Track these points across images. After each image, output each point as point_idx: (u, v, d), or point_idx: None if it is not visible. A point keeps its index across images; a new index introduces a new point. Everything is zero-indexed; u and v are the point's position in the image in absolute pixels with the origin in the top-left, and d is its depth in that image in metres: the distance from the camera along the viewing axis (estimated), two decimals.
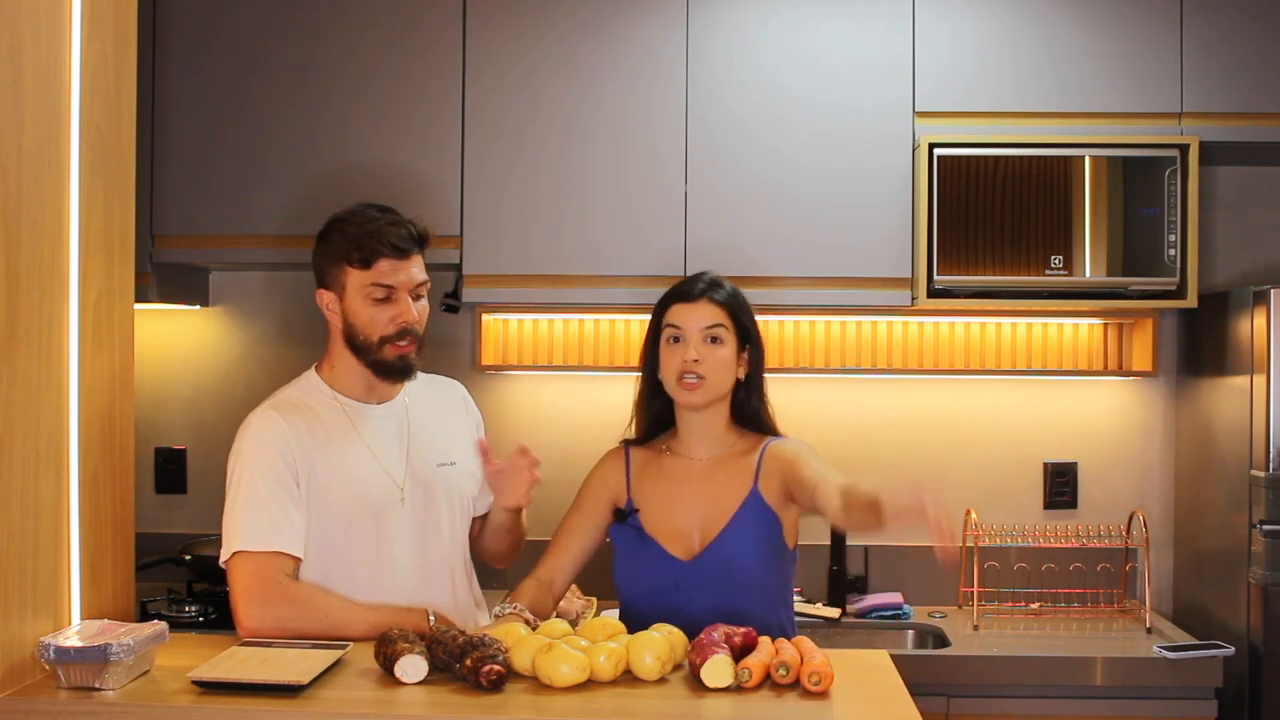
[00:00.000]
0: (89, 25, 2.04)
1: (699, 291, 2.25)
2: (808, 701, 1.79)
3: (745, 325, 2.27)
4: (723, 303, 2.24)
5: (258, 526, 2.09)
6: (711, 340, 2.22)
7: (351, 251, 2.15)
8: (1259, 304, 2.83)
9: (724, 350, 2.23)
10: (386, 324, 2.16)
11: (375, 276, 2.15)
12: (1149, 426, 3.35)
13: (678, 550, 2.21)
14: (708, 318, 2.23)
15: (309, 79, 3.07)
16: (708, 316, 2.23)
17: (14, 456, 1.82)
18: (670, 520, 2.24)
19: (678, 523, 2.23)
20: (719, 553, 2.19)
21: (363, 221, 2.17)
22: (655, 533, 2.24)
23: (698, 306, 2.24)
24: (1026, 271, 2.95)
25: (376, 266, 2.15)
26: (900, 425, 3.37)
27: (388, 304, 2.16)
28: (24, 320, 1.86)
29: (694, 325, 2.22)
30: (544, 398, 3.39)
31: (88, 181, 2.03)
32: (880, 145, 3.02)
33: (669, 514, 2.24)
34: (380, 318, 2.16)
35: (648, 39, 3.04)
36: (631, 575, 2.26)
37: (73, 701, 1.76)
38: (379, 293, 2.16)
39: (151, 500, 3.41)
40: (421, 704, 1.76)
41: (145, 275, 3.02)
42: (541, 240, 3.05)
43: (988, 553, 3.19)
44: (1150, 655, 2.79)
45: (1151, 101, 3.00)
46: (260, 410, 2.20)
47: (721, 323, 2.23)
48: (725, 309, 2.24)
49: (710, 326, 2.22)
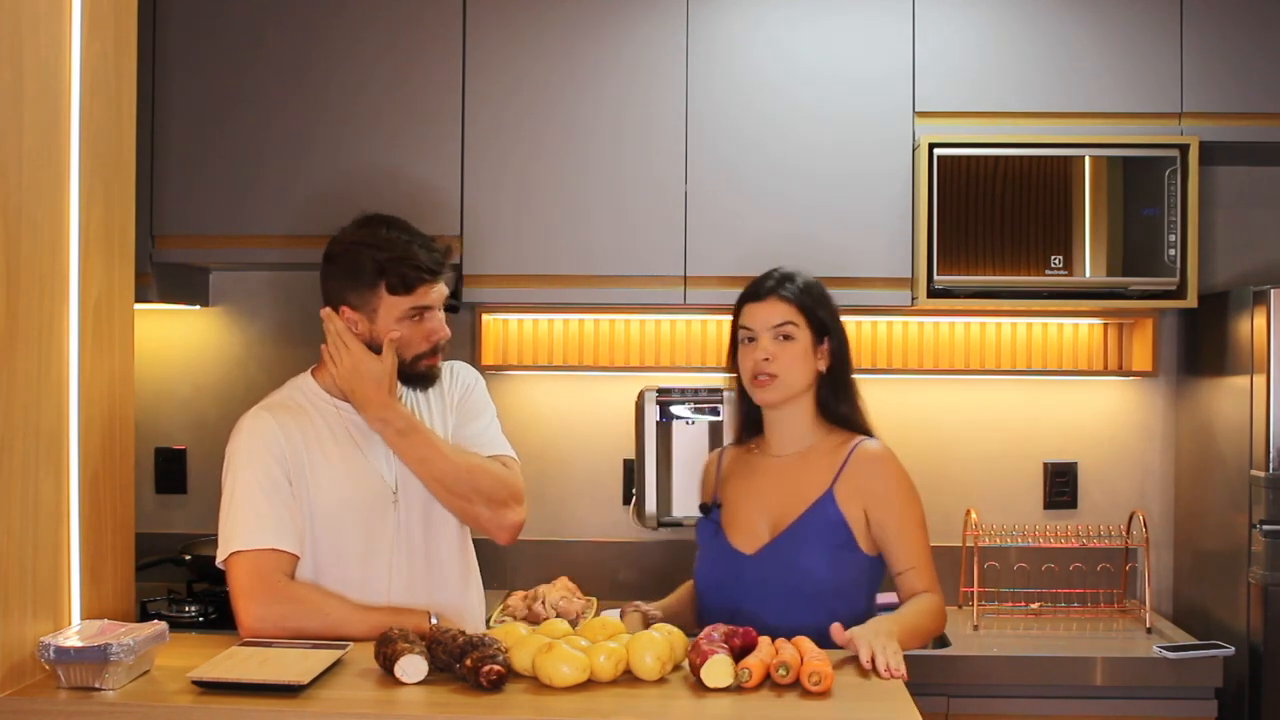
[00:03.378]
0: (89, 25, 2.04)
1: (767, 289, 2.26)
2: (808, 701, 1.79)
3: (820, 318, 2.26)
4: (792, 298, 2.24)
5: (254, 525, 2.10)
6: (783, 338, 2.23)
7: (389, 277, 2.16)
8: (1259, 304, 2.83)
9: (796, 346, 2.23)
10: (421, 342, 2.21)
11: (414, 300, 2.18)
12: (1149, 426, 3.35)
13: (744, 544, 2.23)
14: (777, 315, 2.23)
15: (309, 79, 3.07)
16: (777, 314, 2.23)
17: (14, 456, 1.82)
18: (744, 515, 2.26)
19: (750, 517, 2.25)
20: (781, 549, 2.20)
21: (391, 246, 2.18)
22: (728, 526, 2.27)
23: (766, 305, 2.25)
24: (1026, 271, 2.95)
25: (416, 292, 2.18)
26: (900, 425, 3.35)
27: (421, 322, 2.20)
28: (24, 320, 1.86)
29: (764, 324, 2.24)
30: (544, 398, 3.39)
31: (88, 181, 2.03)
32: (880, 145, 3.02)
33: (745, 509, 2.27)
34: (415, 337, 2.20)
35: (647, 38, 3.04)
36: (703, 568, 2.30)
37: (73, 701, 1.76)
38: (415, 313, 2.19)
39: (151, 500, 3.41)
40: (421, 704, 1.76)
41: (145, 275, 3.02)
42: (541, 240, 3.05)
43: (988, 553, 3.19)
44: (1150, 655, 2.79)
45: (1151, 101, 3.00)
46: (252, 412, 2.20)
47: (791, 319, 2.23)
48: (795, 304, 2.24)
49: (780, 324, 2.23)
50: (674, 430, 3.10)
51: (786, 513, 2.23)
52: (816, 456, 2.27)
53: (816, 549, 2.19)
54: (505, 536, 2.27)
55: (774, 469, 2.28)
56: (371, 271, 2.17)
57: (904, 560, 2.21)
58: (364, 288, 2.18)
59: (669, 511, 3.11)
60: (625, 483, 3.36)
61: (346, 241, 2.21)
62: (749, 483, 2.30)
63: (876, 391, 3.33)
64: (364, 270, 2.17)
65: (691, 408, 3.09)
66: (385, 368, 2.17)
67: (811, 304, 2.26)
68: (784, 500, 2.24)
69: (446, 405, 2.33)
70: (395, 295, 2.17)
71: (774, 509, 2.24)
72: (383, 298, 2.17)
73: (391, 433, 2.19)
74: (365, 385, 2.17)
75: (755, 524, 2.25)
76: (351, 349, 2.17)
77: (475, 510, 2.23)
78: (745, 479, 2.31)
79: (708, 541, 2.30)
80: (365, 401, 2.18)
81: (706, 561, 2.30)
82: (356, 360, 2.17)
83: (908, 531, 2.21)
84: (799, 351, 2.23)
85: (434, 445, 2.20)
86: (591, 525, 3.39)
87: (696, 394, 3.08)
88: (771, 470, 2.28)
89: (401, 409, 2.19)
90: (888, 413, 3.35)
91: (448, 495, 2.22)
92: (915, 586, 2.20)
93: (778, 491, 2.25)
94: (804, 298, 2.26)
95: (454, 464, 2.21)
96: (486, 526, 2.26)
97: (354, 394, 2.19)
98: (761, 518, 2.25)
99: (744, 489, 2.30)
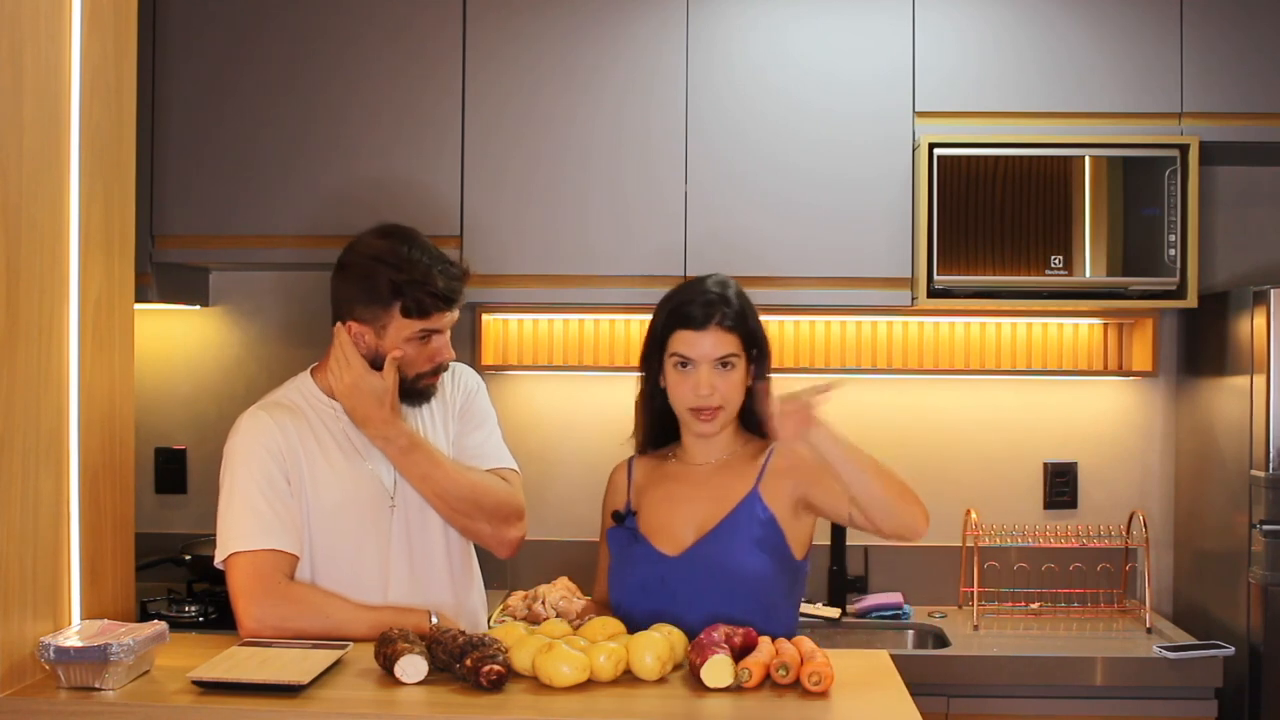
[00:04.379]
0: (89, 25, 2.04)
1: (707, 317, 2.12)
2: (808, 701, 1.79)
3: (753, 334, 2.17)
4: (734, 327, 2.12)
5: (253, 526, 2.09)
6: (723, 366, 2.12)
7: (405, 300, 2.13)
8: (1259, 304, 2.83)
9: (736, 374, 2.14)
10: (424, 362, 2.19)
11: (426, 325, 2.16)
12: (1149, 426, 3.35)
13: (667, 547, 2.16)
14: (721, 348, 2.11)
15: (309, 79, 3.07)
16: (721, 346, 2.11)
17: (14, 456, 1.82)
18: (665, 520, 2.19)
19: (672, 522, 2.19)
20: (707, 548, 2.13)
21: (410, 268, 2.13)
22: (648, 532, 2.19)
23: (708, 335, 2.11)
24: (1026, 271, 2.95)
25: (431, 317, 2.15)
26: (900, 425, 3.36)
27: (427, 343, 2.18)
28: (24, 320, 1.86)
29: (705, 355, 2.11)
30: (543, 398, 3.39)
31: (88, 181, 2.03)
32: (880, 145, 3.02)
33: (665, 515, 2.20)
34: (419, 358, 2.18)
35: (647, 39, 3.04)
36: (619, 575, 2.21)
37: (73, 701, 1.75)
38: (423, 335, 2.17)
39: (151, 500, 3.41)
40: (421, 704, 1.76)
41: (145, 275, 3.03)
42: (541, 240, 3.04)
43: (988, 553, 3.19)
44: (1150, 655, 2.79)
45: (1152, 101, 3.00)
46: (250, 412, 2.19)
47: (733, 351, 2.12)
48: (735, 332, 2.13)
49: (722, 357, 2.12)
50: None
51: (711, 514, 2.16)
52: (738, 461, 2.21)
53: (745, 545, 2.13)
54: (505, 552, 2.29)
55: (694, 476, 2.22)
56: (387, 291, 2.13)
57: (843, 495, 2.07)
58: (377, 305, 2.14)
59: None
60: None
61: (364, 254, 2.17)
62: (667, 489, 2.22)
63: (877, 391, 3.37)
64: (379, 288, 2.13)
65: None
66: (387, 385, 2.14)
67: (746, 327, 2.15)
68: (707, 503, 2.17)
69: (448, 411, 2.31)
70: (409, 318, 2.14)
71: (698, 513, 2.18)
72: (395, 318, 2.14)
73: (394, 450, 2.17)
74: (366, 403, 2.14)
75: (677, 528, 2.18)
76: (353, 365, 2.15)
77: (477, 527, 2.25)
78: (662, 486, 2.23)
79: (623, 548, 2.21)
80: (366, 419, 2.16)
81: (623, 567, 2.20)
82: (357, 377, 2.14)
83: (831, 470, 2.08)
84: (739, 378, 2.14)
85: (437, 463, 2.19)
86: (591, 525, 3.36)
87: None
88: (691, 477, 2.22)
89: (404, 426, 2.17)
90: (888, 413, 3.38)
91: (450, 511, 2.22)
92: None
93: (700, 496, 2.18)
94: (741, 322, 2.14)
95: (457, 482, 2.20)
96: (487, 542, 2.28)
97: (354, 411, 2.17)
98: (684, 522, 2.18)
99: (662, 495, 2.22)
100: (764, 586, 2.14)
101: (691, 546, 2.15)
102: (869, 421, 3.35)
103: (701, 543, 2.15)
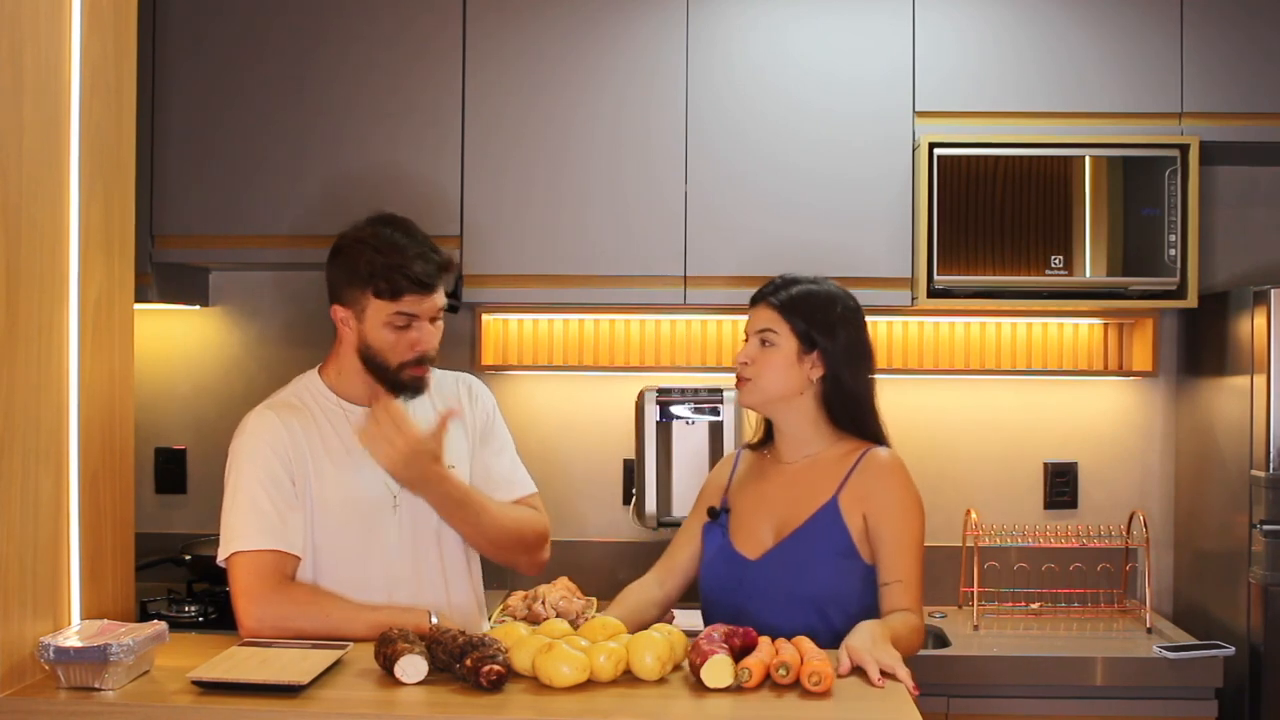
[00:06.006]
0: (89, 25, 2.04)
1: (760, 294, 2.28)
2: (808, 701, 1.79)
3: (805, 328, 2.22)
4: (776, 306, 2.23)
5: (256, 526, 2.09)
6: (763, 343, 2.23)
7: (378, 281, 2.12)
8: (1259, 304, 2.83)
9: (776, 353, 2.21)
10: (405, 350, 2.16)
11: (399, 307, 2.14)
12: (1149, 426, 3.35)
13: (748, 549, 2.23)
14: (760, 321, 2.25)
15: (309, 79, 3.07)
16: (760, 320, 2.25)
17: (14, 456, 1.82)
18: (751, 520, 2.26)
19: (756, 523, 2.25)
20: (784, 555, 2.19)
21: (389, 250, 2.13)
22: (735, 532, 2.26)
23: (755, 309, 2.27)
24: (1026, 271, 2.95)
25: (403, 300, 2.13)
26: (900, 425, 3.34)
27: (407, 330, 2.16)
28: (24, 320, 1.86)
29: (751, 328, 2.26)
30: (544, 398, 3.39)
31: (88, 181, 2.03)
32: (880, 145, 3.02)
33: (752, 514, 2.26)
34: (400, 344, 2.16)
35: (647, 39, 3.04)
36: (707, 573, 2.29)
37: (73, 701, 1.75)
38: (401, 320, 2.15)
39: (151, 500, 3.41)
40: (421, 704, 1.76)
41: (145, 275, 3.03)
42: (541, 240, 3.05)
43: (988, 553, 3.19)
44: (1150, 655, 2.79)
45: (1152, 101, 3.00)
46: (256, 410, 2.20)
47: (771, 327, 2.22)
48: (778, 311, 2.22)
49: (761, 330, 2.24)
50: (674, 430, 3.10)
51: (791, 519, 2.21)
52: (824, 463, 2.25)
53: (819, 556, 2.18)
54: (534, 572, 2.35)
55: (782, 475, 2.27)
56: (364, 273, 2.14)
57: (892, 572, 2.16)
58: (355, 286, 2.15)
59: (669, 511, 3.12)
60: (625, 483, 3.36)
61: (350, 238, 2.19)
62: (758, 488, 2.29)
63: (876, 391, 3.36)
64: (358, 270, 2.14)
65: (691, 408, 3.09)
66: (440, 441, 2.12)
67: (796, 314, 2.22)
68: (790, 506, 2.23)
69: (466, 428, 2.31)
70: (381, 300, 2.13)
71: (779, 515, 2.23)
72: (370, 300, 2.14)
73: (449, 504, 2.17)
74: (424, 467, 2.11)
75: (760, 529, 2.24)
76: (405, 434, 2.08)
77: (514, 558, 2.31)
78: (755, 484, 2.31)
79: (714, 545, 2.29)
80: (423, 481, 2.13)
81: (712, 566, 2.29)
82: (413, 446, 2.09)
83: (903, 545, 2.17)
84: (778, 359, 2.21)
85: (485, 509, 2.21)
86: (591, 525, 3.39)
87: (696, 394, 3.09)
88: (780, 476, 2.28)
89: (454, 479, 2.16)
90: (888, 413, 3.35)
91: (493, 549, 2.27)
92: (899, 602, 2.15)
93: (784, 498, 2.24)
94: (791, 306, 2.22)
95: (503, 525, 2.24)
96: (519, 567, 2.33)
97: (410, 481, 2.13)
98: (767, 523, 2.24)
99: (753, 494, 2.29)
100: (833, 599, 2.17)
101: (769, 552, 2.21)
102: None
103: (778, 549, 2.21)
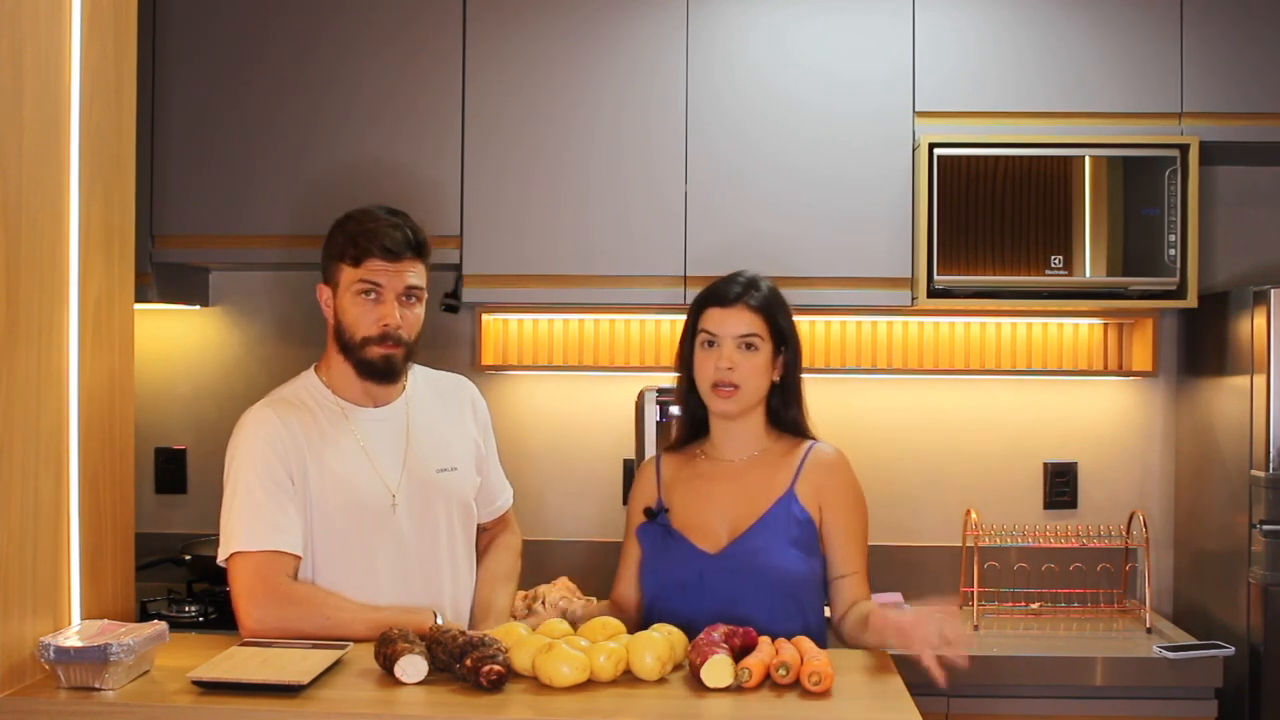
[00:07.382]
0: (89, 25, 2.04)
1: (735, 295, 2.20)
2: (808, 701, 1.79)
3: (782, 328, 2.22)
4: (759, 308, 2.19)
5: (256, 526, 2.09)
6: (746, 347, 2.18)
7: (346, 247, 2.16)
8: (1259, 304, 2.83)
9: (758, 357, 2.19)
10: (370, 324, 2.15)
11: (364, 274, 2.15)
12: (1149, 426, 3.35)
13: (705, 544, 2.19)
14: (743, 325, 2.18)
15: (309, 79, 3.07)
16: (743, 324, 2.18)
17: (14, 457, 1.82)
18: (700, 517, 2.22)
19: (707, 519, 2.21)
20: (747, 545, 2.16)
21: (363, 219, 2.17)
22: (683, 528, 2.22)
23: (733, 312, 2.19)
24: (1026, 271, 2.95)
25: (366, 264, 2.14)
26: (900, 425, 3.37)
27: (375, 304, 2.16)
28: (24, 320, 1.86)
29: (729, 331, 2.18)
30: (543, 398, 3.39)
31: (88, 181, 2.03)
32: (880, 145, 3.02)
33: (699, 511, 2.22)
34: (365, 317, 2.16)
35: (647, 39, 3.04)
36: (654, 570, 2.23)
37: (73, 701, 1.76)
38: (365, 289, 2.15)
39: (151, 500, 3.41)
40: (421, 704, 1.76)
41: (145, 275, 3.02)
42: (541, 240, 3.04)
43: (988, 553, 3.19)
44: (1150, 655, 2.79)
45: (1152, 101, 3.00)
46: (255, 408, 2.19)
47: (756, 331, 2.18)
48: (761, 314, 2.19)
49: (745, 334, 2.18)
50: (674, 430, 3.10)
51: (746, 513, 2.19)
52: (770, 459, 2.24)
53: (783, 544, 2.16)
54: None
55: (726, 473, 2.24)
56: (338, 241, 2.18)
57: (846, 565, 2.20)
58: (332, 258, 2.19)
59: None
60: (625, 483, 3.36)
61: (339, 217, 2.23)
62: (701, 486, 2.25)
63: (876, 391, 3.37)
64: (334, 241, 2.19)
65: None
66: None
67: (775, 314, 2.21)
68: (743, 503, 2.20)
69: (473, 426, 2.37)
70: (348, 266, 2.15)
71: (731, 511, 2.20)
72: (341, 269, 2.17)
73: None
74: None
75: (714, 525, 2.20)
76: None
77: None
78: (695, 483, 2.26)
79: (657, 544, 2.24)
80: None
81: (658, 561, 2.23)
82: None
83: (855, 538, 2.20)
84: (760, 363, 2.19)
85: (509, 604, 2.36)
86: (591, 525, 3.39)
87: None
88: (723, 475, 2.24)
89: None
90: (888, 413, 3.38)
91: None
92: (859, 593, 2.18)
93: (733, 494, 2.21)
94: (769, 307, 2.21)
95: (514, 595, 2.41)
96: None
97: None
98: (719, 520, 2.20)
99: (694, 493, 2.24)
100: (802, 585, 2.18)
101: (730, 544, 2.18)
102: (869, 421, 3.36)
103: (740, 540, 2.17)
